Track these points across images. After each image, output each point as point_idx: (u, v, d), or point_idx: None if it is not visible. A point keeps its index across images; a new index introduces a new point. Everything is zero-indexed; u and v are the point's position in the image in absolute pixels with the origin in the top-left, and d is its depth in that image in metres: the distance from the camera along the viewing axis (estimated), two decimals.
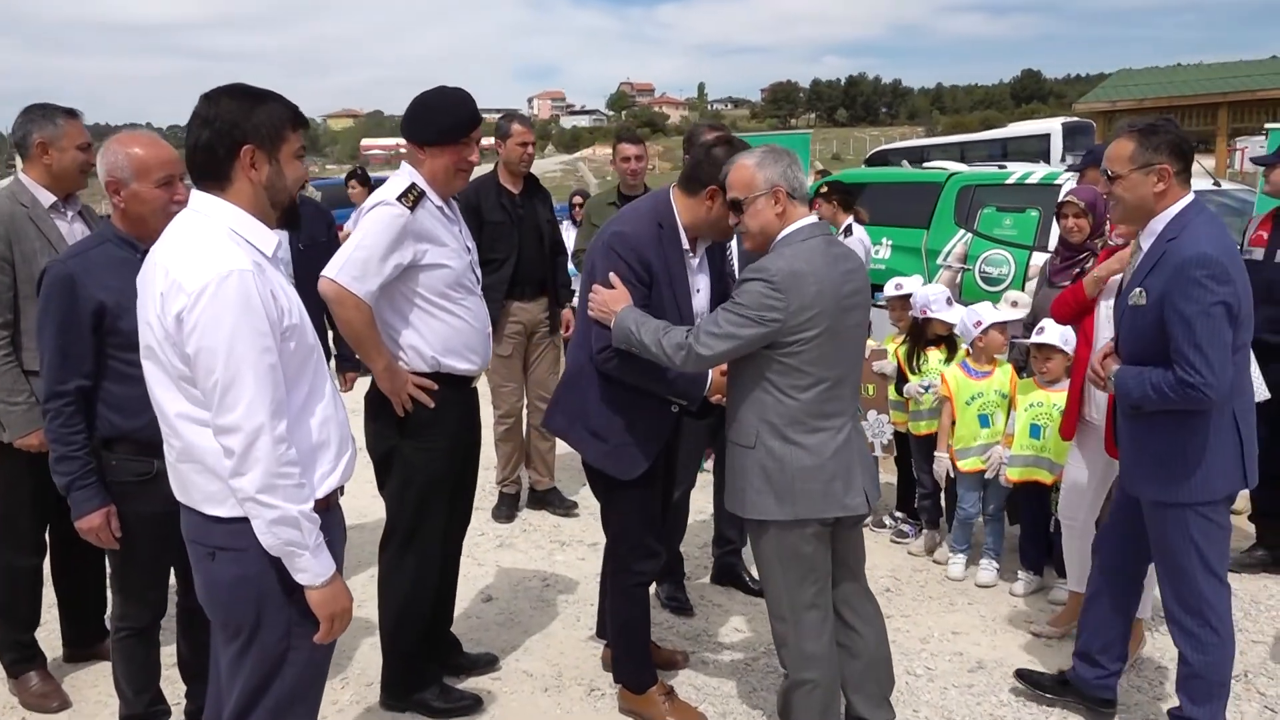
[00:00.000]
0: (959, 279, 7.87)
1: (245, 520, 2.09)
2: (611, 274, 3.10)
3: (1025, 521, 4.69)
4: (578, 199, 8.95)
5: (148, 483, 2.85)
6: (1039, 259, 7.29)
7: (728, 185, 2.97)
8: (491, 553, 5.12)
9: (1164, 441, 3.05)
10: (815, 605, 2.99)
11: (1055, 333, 4.35)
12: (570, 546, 5.22)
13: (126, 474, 2.87)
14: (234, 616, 2.18)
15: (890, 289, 5.45)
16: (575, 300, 4.94)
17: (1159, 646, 4.06)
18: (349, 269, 3.04)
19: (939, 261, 8.09)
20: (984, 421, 4.72)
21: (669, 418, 3.32)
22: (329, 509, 2.28)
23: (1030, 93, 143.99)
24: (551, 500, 5.68)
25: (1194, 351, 2.84)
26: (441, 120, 3.20)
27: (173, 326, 2.04)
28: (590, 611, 4.37)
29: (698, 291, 3.34)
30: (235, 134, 2.11)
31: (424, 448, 3.24)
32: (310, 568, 2.12)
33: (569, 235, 7.19)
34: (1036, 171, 8.20)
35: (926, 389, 5.00)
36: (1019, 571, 4.69)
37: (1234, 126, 18.35)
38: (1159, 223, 3.01)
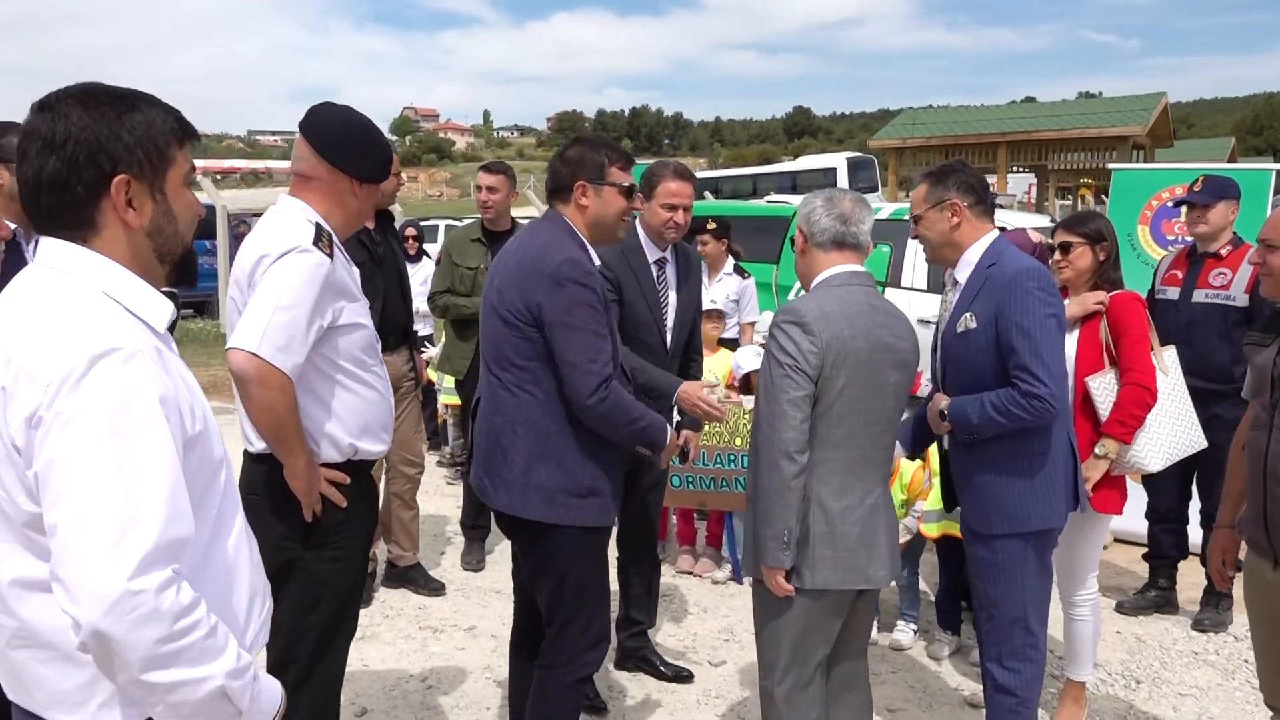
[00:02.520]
0: None
1: None
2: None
3: (943, 578, 4.45)
4: (412, 231, 8.13)
5: None
6: (891, 295, 7.24)
7: None
8: (354, 647, 4.34)
9: (1008, 469, 2.98)
10: (814, 680, 2.73)
11: None
12: (444, 633, 4.53)
13: None
14: None
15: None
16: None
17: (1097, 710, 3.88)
18: (272, 337, 2.32)
19: (791, 297, 7.92)
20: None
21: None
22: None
23: (802, 128, 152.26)
24: (415, 578, 4.96)
25: (1036, 362, 2.81)
26: (385, 152, 2.64)
27: (21, 436, 1.36)
28: (486, 717, 3.74)
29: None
30: (100, 160, 1.44)
31: (332, 557, 2.55)
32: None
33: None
34: (885, 207, 8.20)
35: None
36: (936, 633, 4.44)
37: (1014, 164, 19.67)
38: (974, 253, 3.05)
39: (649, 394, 3.58)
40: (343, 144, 2.56)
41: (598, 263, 2.91)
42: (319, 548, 2.53)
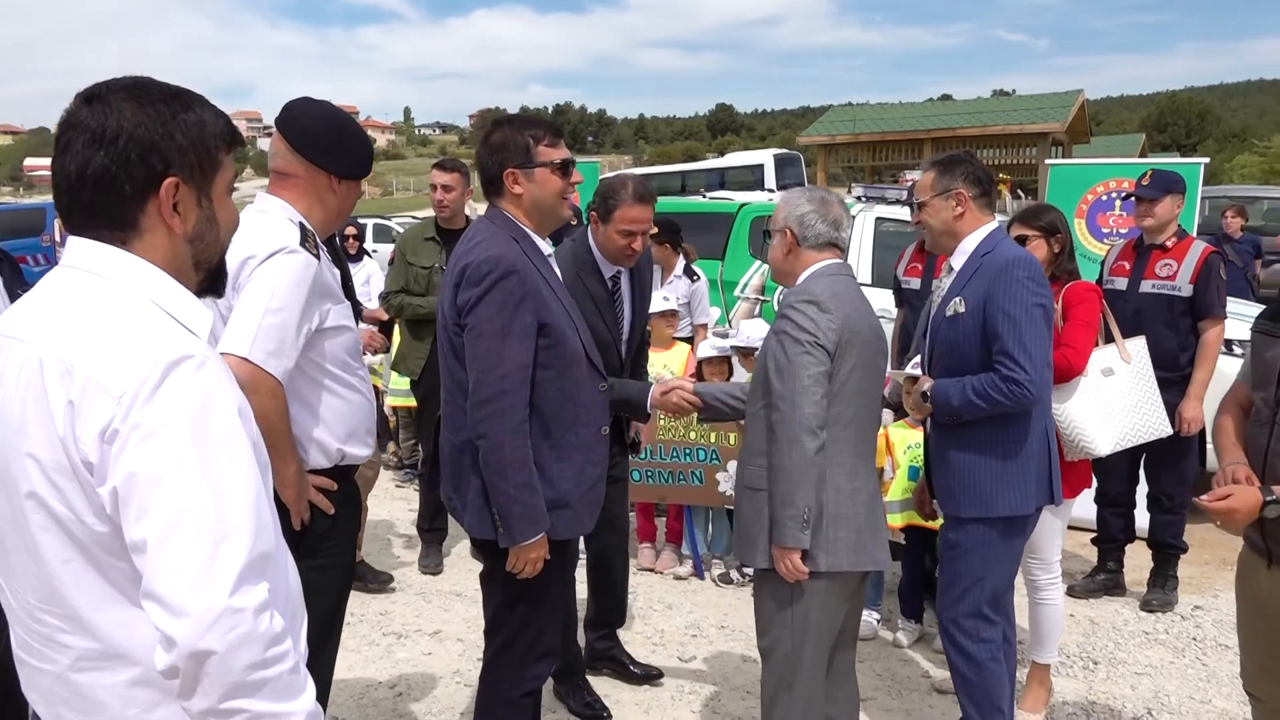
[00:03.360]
0: (758, 310, 7.79)
1: None
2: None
3: (905, 567, 4.52)
4: (352, 230, 7.95)
5: None
6: None
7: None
8: None
9: (982, 454, 3.04)
10: (820, 675, 2.77)
11: None
12: (409, 639, 4.46)
13: None
14: None
15: (741, 340, 5.24)
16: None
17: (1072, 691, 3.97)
18: (263, 342, 2.25)
19: (736, 294, 7.97)
20: (913, 474, 4.40)
21: (604, 450, 2.85)
22: None
23: (725, 125, 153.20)
24: (361, 574, 4.83)
25: (1019, 349, 2.88)
26: (365, 148, 2.58)
27: (95, 452, 1.28)
28: None
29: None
30: (152, 160, 1.37)
31: (321, 566, 2.47)
32: None
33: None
34: None
35: None
36: (899, 620, 4.50)
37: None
38: (971, 242, 3.11)
39: (624, 408, 3.45)
40: (320, 140, 2.49)
41: (548, 251, 2.77)
42: (307, 557, 2.44)
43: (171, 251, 1.43)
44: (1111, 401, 3.73)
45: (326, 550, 2.49)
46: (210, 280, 1.51)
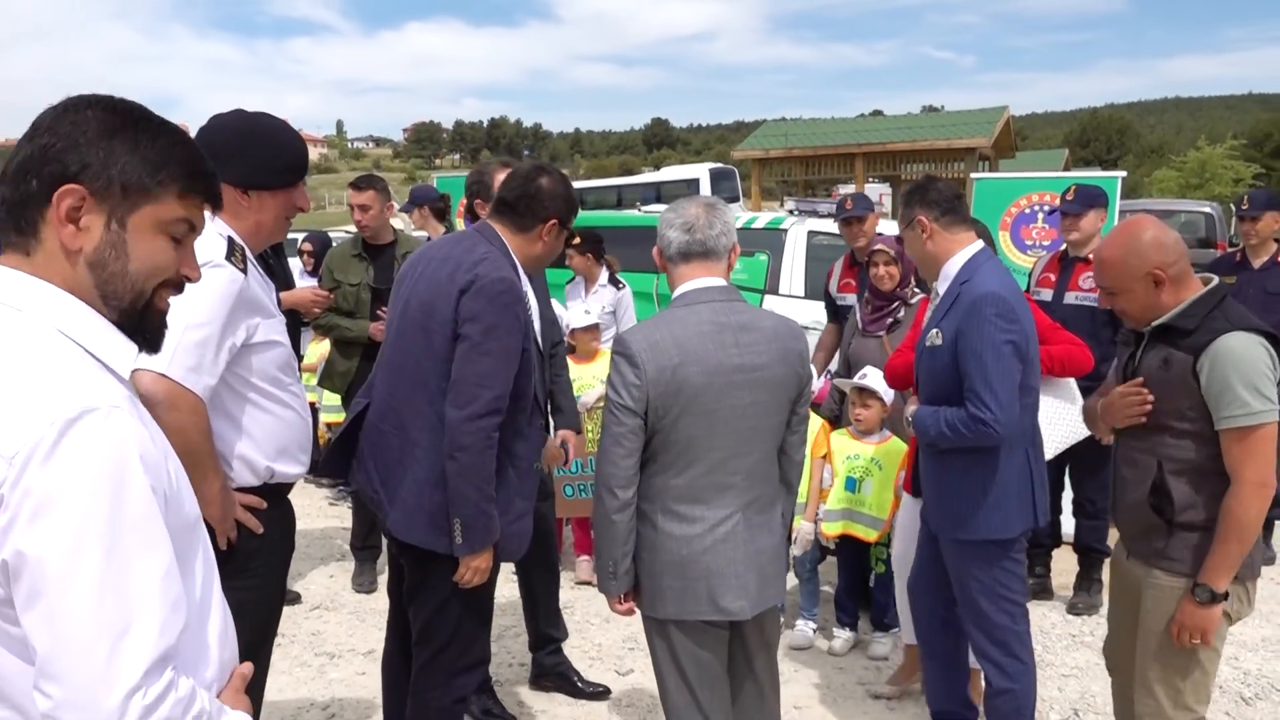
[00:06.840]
0: None
1: None
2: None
3: (842, 576, 4.57)
4: (307, 245, 7.66)
5: None
6: (770, 302, 7.42)
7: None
8: None
9: (961, 480, 3.08)
10: (713, 712, 2.65)
11: (877, 378, 4.25)
12: (342, 659, 4.39)
13: None
14: None
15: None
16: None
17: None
18: (182, 358, 2.20)
19: None
20: (850, 485, 4.42)
21: (534, 484, 2.96)
22: None
23: (660, 139, 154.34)
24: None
25: (985, 388, 2.91)
26: (281, 157, 2.47)
27: None
28: None
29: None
30: (66, 160, 1.27)
31: (248, 586, 2.40)
32: None
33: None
34: (762, 216, 8.43)
35: None
36: (834, 629, 4.55)
37: (870, 174, 20.44)
38: (952, 266, 3.11)
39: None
40: (221, 150, 2.37)
41: (527, 288, 2.82)
42: (234, 576, 2.39)
43: (71, 272, 1.30)
44: (1045, 409, 3.82)
45: (253, 570, 2.44)
46: (137, 329, 1.37)
